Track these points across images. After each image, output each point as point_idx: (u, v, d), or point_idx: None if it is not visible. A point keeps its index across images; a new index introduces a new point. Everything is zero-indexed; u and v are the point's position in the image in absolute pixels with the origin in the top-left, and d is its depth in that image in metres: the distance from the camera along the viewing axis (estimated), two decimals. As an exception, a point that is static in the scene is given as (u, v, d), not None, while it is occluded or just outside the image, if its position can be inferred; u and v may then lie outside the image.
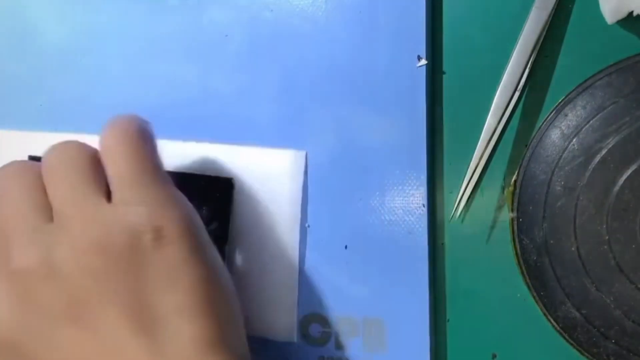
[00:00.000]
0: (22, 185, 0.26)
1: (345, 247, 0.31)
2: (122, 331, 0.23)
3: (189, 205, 0.26)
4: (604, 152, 0.27)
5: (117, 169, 0.26)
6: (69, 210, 0.24)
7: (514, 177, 0.29)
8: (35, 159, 0.35)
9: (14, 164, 0.27)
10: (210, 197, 0.31)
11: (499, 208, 0.30)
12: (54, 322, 0.24)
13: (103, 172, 0.26)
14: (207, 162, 0.33)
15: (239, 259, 0.32)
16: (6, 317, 0.24)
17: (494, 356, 0.30)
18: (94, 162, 0.26)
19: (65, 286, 0.23)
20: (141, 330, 0.23)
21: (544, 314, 0.28)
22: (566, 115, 0.28)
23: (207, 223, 0.31)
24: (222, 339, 0.24)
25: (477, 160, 0.30)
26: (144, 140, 0.27)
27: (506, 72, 0.29)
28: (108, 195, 0.25)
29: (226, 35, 0.33)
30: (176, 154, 0.33)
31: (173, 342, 0.23)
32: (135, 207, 0.24)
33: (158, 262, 0.24)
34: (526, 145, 0.29)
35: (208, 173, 0.32)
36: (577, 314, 0.27)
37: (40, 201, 0.25)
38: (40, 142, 0.36)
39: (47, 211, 0.25)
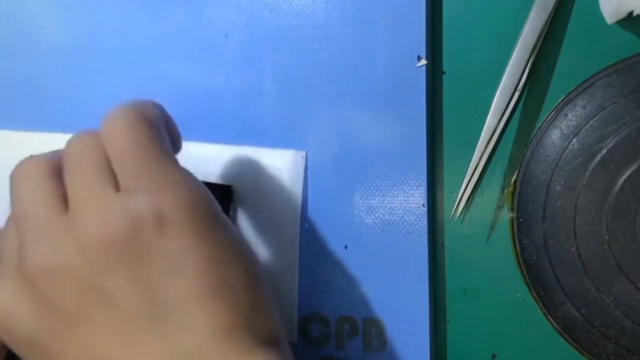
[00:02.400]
0: (36, 182, 0.25)
1: (345, 247, 0.31)
2: (134, 325, 0.23)
3: (196, 184, 0.25)
4: (604, 152, 0.27)
5: (117, 154, 0.25)
6: (78, 203, 0.24)
7: (514, 177, 0.29)
8: None
9: (30, 159, 0.26)
10: None
11: (499, 208, 0.30)
12: (68, 321, 0.23)
13: None
14: (206, 163, 0.33)
15: (239, 259, 0.32)
16: (25, 318, 0.24)
17: (494, 356, 0.30)
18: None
19: (73, 285, 0.23)
20: (153, 321, 0.23)
21: (544, 314, 0.28)
22: (566, 115, 0.28)
23: None
24: (241, 325, 0.23)
25: (477, 160, 0.30)
26: (144, 122, 0.25)
27: (506, 72, 0.29)
28: (119, 186, 0.24)
29: (226, 35, 0.33)
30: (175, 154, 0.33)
31: (186, 331, 0.22)
32: (136, 195, 0.23)
33: (163, 250, 0.23)
34: (526, 145, 0.29)
35: (208, 173, 0.32)
36: (577, 314, 0.27)
37: (59, 195, 0.24)
38: (40, 142, 0.36)
39: (63, 203, 0.24)
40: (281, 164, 0.32)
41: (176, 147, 0.27)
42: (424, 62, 0.30)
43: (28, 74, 0.37)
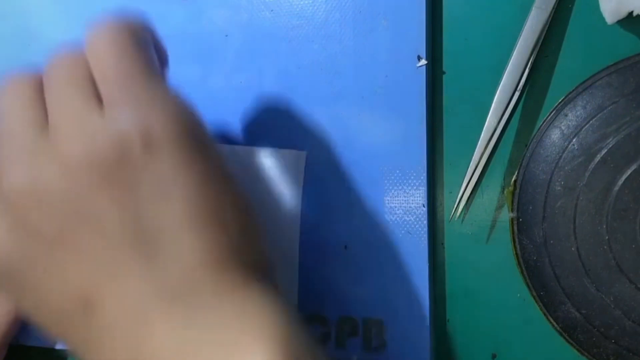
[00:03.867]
0: (19, 101, 0.23)
1: (345, 247, 0.31)
2: (121, 253, 0.21)
3: (185, 103, 0.24)
4: (604, 152, 0.27)
5: (103, 70, 0.23)
6: (60, 124, 0.22)
7: (514, 177, 0.29)
8: None
9: (12, 77, 0.24)
10: None
11: (499, 208, 0.30)
12: (48, 246, 0.22)
13: None
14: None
15: (239, 259, 0.32)
16: (4, 242, 0.22)
17: (494, 356, 0.30)
18: (90, 71, 0.24)
19: (56, 208, 0.22)
20: (139, 248, 0.21)
21: (544, 314, 0.28)
22: (566, 115, 0.28)
23: None
24: (233, 251, 0.22)
25: (477, 160, 0.30)
26: (131, 38, 0.24)
27: (506, 72, 0.29)
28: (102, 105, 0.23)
29: (226, 35, 0.33)
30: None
31: (175, 257, 0.21)
32: (121, 110, 0.22)
33: (150, 170, 0.22)
34: (526, 145, 0.29)
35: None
36: (577, 314, 0.28)
37: (37, 115, 0.23)
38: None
39: (45, 125, 0.23)
40: (281, 164, 0.32)
41: (163, 66, 0.26)
42: (424, 62, 0.30)
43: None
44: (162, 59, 0.26)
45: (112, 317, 0.21)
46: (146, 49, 0.24)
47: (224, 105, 0.33)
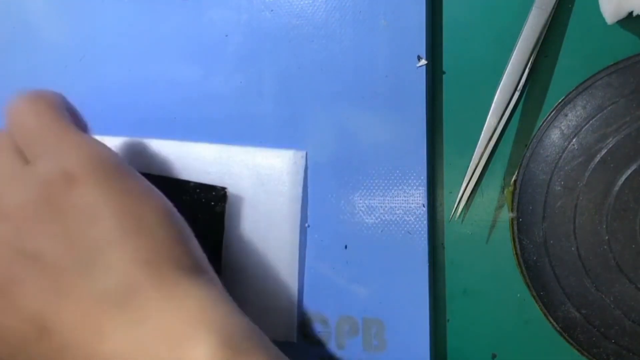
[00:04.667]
0: None
1: (345, 247, 0.31)
2: (63, 276, 0.24)
3: (98, 143, 0.27)
4: (604, 152, 0.27)
5: (21, 132, 0.27)
6: None
7: (514, 177, 0.29)
8: None
9: None
10: (205, 206, 0.32)
11: (499, 208, 0.30)
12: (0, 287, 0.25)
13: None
14: (206, 163, 0.33)
15: (238, 259, 0.32)
16: None
17: (494, 356, 0.30)
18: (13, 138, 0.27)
19: (5, 258, 0.24)
20: (78, 269, 0.24)
21: (544, 314, 0.28)
22: (566, 115, 0.28)
23: (201, 231, 0.31)
24: (164, 253, 0.24)
25: (477, 160, 0.30)
26: (41, 100, 0.28)
27: (506, 72, 0.29)
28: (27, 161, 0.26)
29: (226, 35, 0.33)
30: (175, 154, 0.33)
31: (111, 269, 0.24)
32: (43, 160, 0.25)
33: (75, 203, 0.25)
34: (526, 145, 0.29)
35: (207, 173, 0.32)
36: (577, 314, 0.27)
37: None
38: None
39: None
40: (281, 164, 0.32)
41: (83, 128, 0.29)
42: (424, 62, 0.30)
43: (28, 73, 0.37)
44: (77, 120, 0.29)
45: (67, 336, 0.24)
46: (57, 107, 0.28)
47: (224, 105, 0.33)
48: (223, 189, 0.31)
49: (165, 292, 0.24)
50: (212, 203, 0.31)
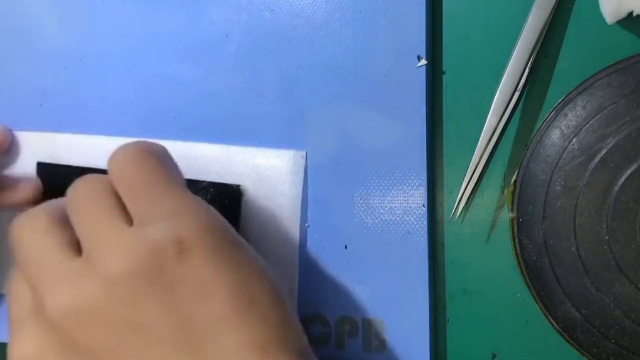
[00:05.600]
0: (41, 230, 0.25)
1: (345, 247, 0.31)
2: (169, 353, 0.22)
3: (210, 208, 0.25)
4: (604, 152, 0.27)
5: (128, 188, 0.25)
6: (93, 243, 0.24)
7: (514, 177, 0.29)
8: (43, 165, 0.35)
9: (28, 213, 0.26)
10: (219, 204, 0.31)
11: (499, 208, 0.30)
12: (102, 358, 0.23)
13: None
14: (206, 163, 0.33)
15: (239, 259, 0.32)
16: None
17: (494, 356, 0.30)
18: (114, 191, 0.25)
19: (103, 324, 0.23)
20: (188, 347, 0.22)
21: (544, 314, 0.28)
22: (566, 115, 0.28)
23: None
24: (274, 340, 0.23)
25: (477, 160, 0.30)
26: (150, 155, 0.26)
27: (506, 72, 0.29)
28: (131, 220, 0.24)
29: (226, 35, 0.33)
30: (176, 154, 0.33)
31: (222, 352, 0.22)
32: (153, 224, 0.23)
33: (187, 275, 0.23)
34: (526, 145, 0.29)
35: (208, 173, 0.32)
36: (577, 314, 0.27)
37: (67, 239, 0.24)
38: (40, 142, 0.36)
39: (75, 249, 0.24)
40: (281, 164, 0.32)
41: (181, 181, 0.27)
42: (424, 62, 0.30)
43: (28, 74, 0.37)
44: (181, 180, 0.27)
45: None
46: (166, 164, 0.26)
47: (224, 105, 0.33)
48: (237, 185, 0.31)
49: None
50: (226, 201, 0.31)
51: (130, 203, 0.25)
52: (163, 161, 0.26)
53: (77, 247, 0.24)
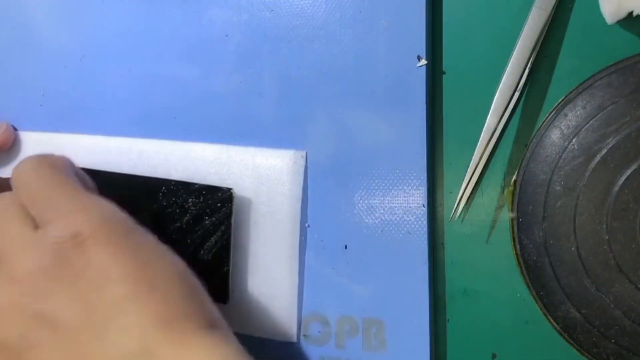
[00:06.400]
0: None
1: (345, 247, 0.31)
2: (79, 338, 0.24)
3: (106, 203, 0.27)
4: (604, 152, 0.27)
5: (29, 196, 0.27)
6: (4, 251, 0.26)
7: (514, 177, 0.29)
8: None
9: None
10: (211, 207, 0.31)
11: (499, 208, 0.30)
12: (16, 352, 0.25)
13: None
14: (206, 163, 0.33)
15: (239, 259, 0.32)
16: None
17: (494, 356, 0.30)
18: (21, 202, 0.28)
19: (15, 319, 0.25)
20: (95, 331, 0.24)
21: (544, 314, 0.28)
22: (566, 115, 0.28)
23: (209, 233, 0.31)
24: (178, 315, 0.25)
25: (477, 160, 0.30)
26: (46, 163, 0.28)
27: (506, 72, 0.29)
28: (37, 225, 0.27)
29: (226, 35, 0.33)
30: (176, 154, 0.33)
31: (127, 331, 0.24)
32: (52, 223, 0.26)
33: (88, 264, 0.25)
34: (526, 145, 0.29)
35: (208, 173, 0.32)
36: (577, 314, 0.27)
37: None
38: (40, 142, 0.36)
39: None
40: (281, 164, 0.32)
41: (88, 188, 0.30)
42: (424, 62, 0.30)
43: (28, 74, 0.37)
44: (87, 186, 0.30)
45: None
46: (62, 169, 0.29)
47: (224, 105, 0.33)
48: (229, 189, 0.31)
49: (183, 350, 0.24)
50: (219, 204, 0.31)
51: (33, 210, 0.27)
52: (59, 167, 0.29)
53: None
